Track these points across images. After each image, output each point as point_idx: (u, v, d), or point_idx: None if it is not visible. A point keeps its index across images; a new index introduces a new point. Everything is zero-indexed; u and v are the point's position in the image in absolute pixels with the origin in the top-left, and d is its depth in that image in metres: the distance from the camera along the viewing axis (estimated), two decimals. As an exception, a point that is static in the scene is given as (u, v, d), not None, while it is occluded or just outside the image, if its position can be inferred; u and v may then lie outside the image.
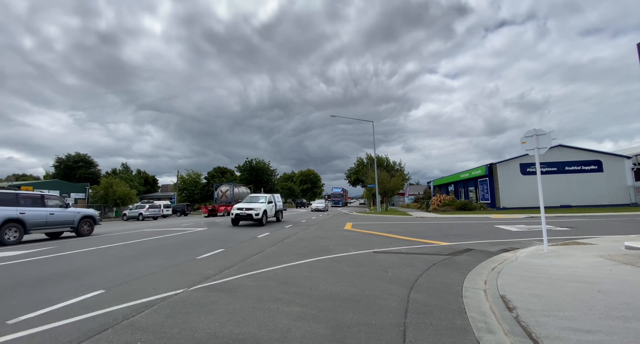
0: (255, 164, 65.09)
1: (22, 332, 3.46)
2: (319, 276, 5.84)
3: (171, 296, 4.70)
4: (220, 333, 3.37)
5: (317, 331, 3.39)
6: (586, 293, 4.65)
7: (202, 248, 9.39)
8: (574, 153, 29.96)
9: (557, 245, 8.90)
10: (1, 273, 6.65)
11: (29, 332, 3.47)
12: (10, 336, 3.38)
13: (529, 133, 7.61)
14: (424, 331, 3.41)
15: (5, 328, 3.61)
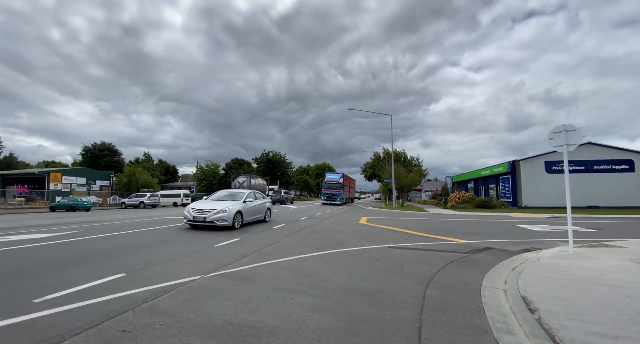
0: (272, 156, 65.71)
1: (47, 311, 3.63)
2: (333, 269, 5.82)
3: (189, 282, 4.81)
4: (235, 320, 3.42)
5: (330, 323, 3.38)
6: (614, 297, 4.41)
7: (220, 238, 9.56)
8: (603, 152, 28.46)
9: (583, 247, 8.51)
10: (30, 254, 7.00)
11: (53, 311, 3.62)
12: (36, 314, 3.54)
13: (557, 129, 7.24)
14: (441, 328, 3.33)
15: (31, 306, 3.79)
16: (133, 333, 3.09)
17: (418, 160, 61.08)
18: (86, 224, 14.30)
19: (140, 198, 36.29)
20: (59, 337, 2.97)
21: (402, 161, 55.47)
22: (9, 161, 55.08)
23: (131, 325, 3.27)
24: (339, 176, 44.72)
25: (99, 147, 57.58)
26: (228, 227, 11.45)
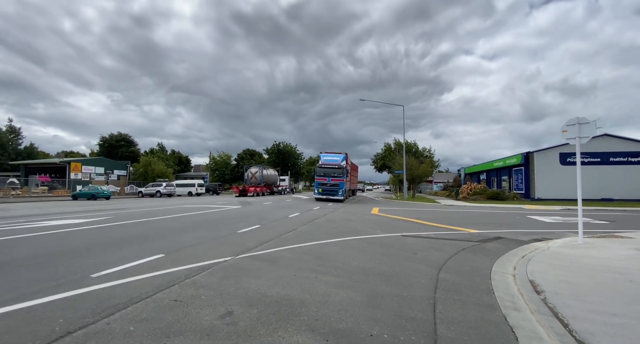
0: (283, 147, 66.29)
1: (105, 284, 4.16)
2: (350, 254, 6.25)
3: (221, 262, 5.31)
4: (269, 293, 3.88)
5: (353, 298, 3.81)
6: (617, 282, 4.71)
7: (240, 224, 10.11)
8: (620, 143, 27.89)
9: (592, 237, 8.71)
10: (74, 237, 7.66)
11: (111, 284, 4.15)
12: (96, 286, 4.07)
13: (570, 121, 7.39)
14: (453, 305, 3.71)
15: (90, 280, 4.33)
16: (184, 302, 3.58)
17: (429, 151, 60.76)
18: (113, 211, 15.10)
19: (156, 188, 37.42)
20: (122, 305, 3.48)
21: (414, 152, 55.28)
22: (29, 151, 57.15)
23: (180, 296, 3.76)
24: (341, 157, 27.95)
25: (116, 137, 59.09)
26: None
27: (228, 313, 3.32)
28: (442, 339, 2.84)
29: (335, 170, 26.56)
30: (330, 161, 27.50)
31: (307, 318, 3.22)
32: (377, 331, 2.95)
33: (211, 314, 3.26)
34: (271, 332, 2.91)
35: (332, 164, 27.16)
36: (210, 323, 3.08)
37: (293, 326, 3.05)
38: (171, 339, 2.73)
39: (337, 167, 26.67)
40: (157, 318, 3.16)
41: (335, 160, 27.51)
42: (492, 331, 3.06)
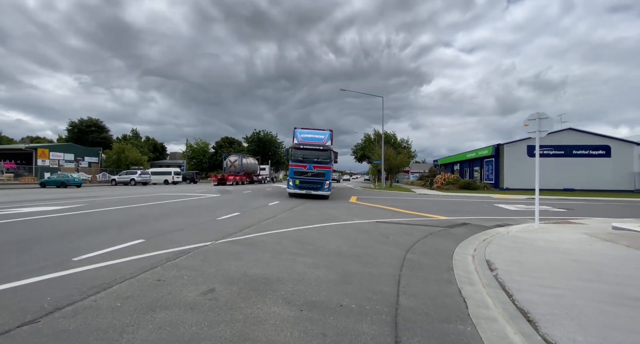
0: (263, 136, 65.60)
1: (88, 266, 4.28)
2: (327, 238, 6.61)
3: (202, 247, 5.51)
4: (249, 273, 4.15)
5: (327, 276, 4.15)
6: (562, 261, 5.33)
7: (220, 211, 10.24)
8: (583, 137, 29.81)
9: (548, 223, 9.54)
10: (50, 223, 7.56)
11: (94, 266, 4.28)
12: (79, 268, 4.19)
13: (532, 116, 7.99)
14: (416, 280, 4.14)
15: (73, 263, 4.43)
16: (167, 281, 3.79)
17: (407, 142, 62.09)
18: (87, 199, 14.72)
19: (131, 175, 36.33)
20: (107, 284, 3.64)
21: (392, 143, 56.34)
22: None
23: (163, 276, 3.96)
24: (325, 135, 18.67)
25: (86, 123, 56.35)
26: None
27: (210, 290, 3.57)
28: (402, 307, 3.24)
29: (318, 153, 17.37)
30: (312, 139, 17.88)
31: (284, 293, 3.52)
32: (346, 302, 3.31)
33: (194, 292, 3.50)
34: (251, 305, 3.20)
35: (315, 144, 17.60)
36: (194, 298, 3.32)
37: (271, 299, 3.35)
38: (157, 313, 2.96)
39: (321, 149, 17.40)
40: (142, 295, 3.36)
41: (318, 138, 17.95)
42: (446, 301, 3.49)
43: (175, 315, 2.92)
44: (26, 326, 2.65)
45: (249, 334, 2.62)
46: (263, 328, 2.74)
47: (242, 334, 2.63)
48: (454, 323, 2.94)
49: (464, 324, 2.91)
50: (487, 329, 2.83)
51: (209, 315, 2.94)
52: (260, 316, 2.95)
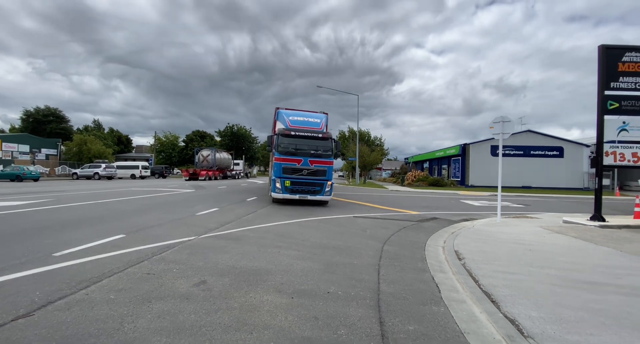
0: (237, 130, 64.37)
1: (71, 261, 4.23)
2: (308, 232, 6.86)
3: (186, 241, 5.56)
4: (238, 265, 4.31)
5: (312, 267, 4.41)
6: (520, 250, 5.95)
7: (197, 207, 10.17)
8: (540, 139, 32.18)
9: (509, 217, 10.42)
10: (19, 219, 7.20)
11: (78, 261, 4.24)
12: (63, 264, 4.14)
13: (496, 119, 8.68)
14: (393, 269, 4.50)
15: (54, 258, 4.35)
16: (157, 275, 3.87)
17: (380, 140, 63.62)
18: (52, 193, 13.92)
19: (94, 169, 34.40)
20: (96, 278, 3.66)
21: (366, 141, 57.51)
22: None
23: (152, 270, 4.03)
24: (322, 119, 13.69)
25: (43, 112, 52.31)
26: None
27: (202, 281, 3.70)
28: (383, 293, 3.57)
29: (316, 143, 12.26)
30: (306, 123, 13.10)
31: (274, 283, 3.74)
32: (333, 289, 3.58)
33: (186, 283, 3.62)
34: (243, 294, 3.38)
35: (311, 131, 12.59)
36: (187, 290, 3.45)
37: (262, 289, 3.55)
38: (153, 304, 3.07)
39: (320, 137, 12.34)
40: (135, 288, 3.43)
41: (313, 123, 13.21)
42: (422, 286, 3.87)
43: (172, 305, 3.05)
44: (22, 319, 2.67)
45: (246, 320, 2.82)
46: (259, 314, 2.95)
47: (240, 320, 2.82)
48: (429, 305, 3.31)
49: (437, 306, 3.29)
50: (458, 310, 3.22)
51: (204, 304, 3.10)
52: (254, 304, 3.15)
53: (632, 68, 9.06)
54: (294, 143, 11.89)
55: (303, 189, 11.75)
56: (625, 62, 9.07)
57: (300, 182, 11.75)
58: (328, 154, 12.04)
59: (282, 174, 11.64)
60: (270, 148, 12.20)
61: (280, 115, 12.96)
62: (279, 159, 11.64)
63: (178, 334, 2.52)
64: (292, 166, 11.73)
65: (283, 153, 11.68)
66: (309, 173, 11.84)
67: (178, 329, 2.60)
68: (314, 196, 11.77)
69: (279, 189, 11.59)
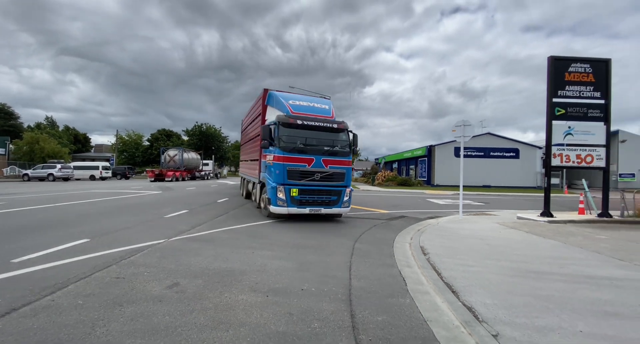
0: (206, 129, 62.58)
1: (32, 267, 4.03)
2: (283, 232, 6.96)
3: (155, 244, 5.44)
4: (211, 267, 4.32)
5: (286, 266, 4.52)
6: (478, 245, 6.43)
7: (166, 209, 9.87)
8: (498, 141, 34.42)
9: (470, 215, 11.12)
10: (-42, 225, 6.61)
11: (39, 267, 4.05)
12: (23, 270, 3.94)
13: (458, 123, 9.27)
14: (364, 265, 4.73)
15: (13, 265, 4.12)
16: (127, 279, 3.79)
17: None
18: (3, 196, 12.83)
19: (48, 170, 31.93)
20: (61, 284, 3.53)
21: (337, 141, 58.14)
22: None
23: (121, 274, 3.94)
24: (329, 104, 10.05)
25: (-13, 107, 47.79)
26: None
27: (175, 284, 3.69)
28: (355, 288, 3.76)
29: (331, 136, 9.10)
30: (313, 110, 9.53)
31: (249, 282, 3.81)
32: (307, 286, 3.72)
33: (159, 286, 3.60)
34: (218, 295, 3.43)
35: (322, 119, 9.19)
36: (160, 292, 3.43)
37: (237, 289, 3.61)
38: (125, 307, 3.03)
39: (336, 129, 9.15)
40: (104, 292, 3.36)
41: (322, 110, 9.75)
42: (390, 280, 4.12)
43: (145, 308, 3.03)
44: (-18, 329, 2.55)
45: (222, 319, 2.88)
46: (234, 312, 3.02)
47: (216, 319, 2.87)
48: (397, 297, 3.55)
49: (404, 298, 3.53)
50: (422, 300, 3.48)
51: (179, 306, 3.11)
52: (229, 303, 3.21)
53: (576, 78, 10.03)
54: (301, 136, 8.53)
55: (315, 200, 8.48)
56: (571, 72, 10.04)
57: (312, 190, 8.44)
58: (346, 151, 8.97)
59: (286, 179, 8.18)
60: (267, 143, 8.38)
61: (275, 99, 9.55)
62: (281, 158, 8.25)
63: (153, 336, 2.54)
64: (300, 167, 8.32)
65: (287, 150, 8.28)
66: (322, 177, 8.50)
67: (153, 331, 2.61)
68: (329, 208, 8.64)
69: (282, 201, 8.14)
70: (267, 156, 8.86)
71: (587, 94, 9.95)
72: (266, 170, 8.99)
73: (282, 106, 8.97)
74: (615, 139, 31.22)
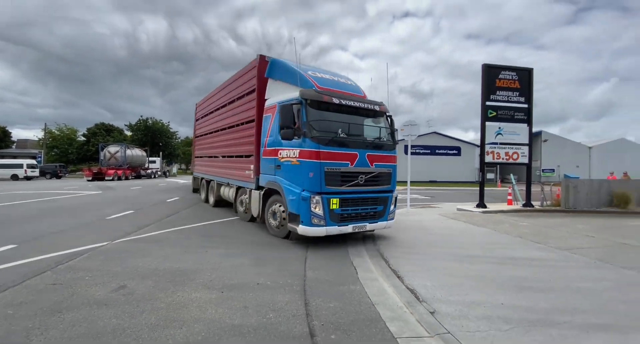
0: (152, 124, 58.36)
1: (-56, 279, 3.56)
2: (239, 230, 6.88)
3: (98, 247, 5.08)
4: (161, 267, 4.18)
5: (243, 262, 4.53)
6: (423, 234, 6.99)
7: (108, 210, 9.15)
8: (444, 139, 37.15)
9: (416, 207, 11.95)
10: None
11: (-46, 278, 3.58)
12: None
13: (406, 123, 9.90)
14: (319, 258, 4.91)
15: None
16: (65, 284, 3.53)
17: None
18: None
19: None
20: (-16, 294, 3.19)
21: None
22: None
23: (59, 280, 3.65)
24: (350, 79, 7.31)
25: None
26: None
27: (121, 286, 3.53)
28: (309, 279, 3.92)
29: (371, 121, 6.72)
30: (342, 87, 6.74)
31: (203, 281, 3.77)
32: (263, 281, 3.79)
33: (103, 290, 3.41)
34: (170, 294, 3.36)
35: (360, 100, 6.40)
36: (105, 296, 3.26)
37: (190, 287, 3.56)
38: (65, 314, 2.85)
39: (376, 111, 6.52)
40: (39, 299, 3.11)
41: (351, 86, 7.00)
42: (342, 269, 4.36)
43: (88, 313, 2.88)
44: None
45: (175, 317, 2.84)
46: (188, 310, 2.99)
47: (168, 318, 2.83)
48: (348, 284, 3.78)
49: (355, 285, 3.77)
50: (371, 286, 3.75)
51: (127, 308, 3.00)
52: (182, 302, 3.17)
53: (505, 84, 11.24)
54: (336, 122, 5.91)
55: (359, 213, 5.93)
56: (501, 79, 11.21)
57: (356, 198, 5.87)
58: (391, 144, 6.60)
59: (323, 185, 5.49)
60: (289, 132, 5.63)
61: (285, 69, 6.69)
62: (314, 154, 5.50)
63: (99, 339, 2.45)
64: (340, 168, 5.70)
65: (324, 142, 5.54)
66: (367, 180, 5.99)
67: (98, 334, 2.51)
68: (374, 222, 6.13)
69: (318, 217, 5.39)
70: (280, 151, 6.05)
71: (513, 98, 11.21)
72: (279, 171, 6.09)
73: (301, 79, 6.05)
74: (538, 139, 35.39)
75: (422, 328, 2.76)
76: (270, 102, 6.64)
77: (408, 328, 2.75)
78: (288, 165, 5.88)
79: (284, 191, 5.82)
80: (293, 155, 5.75)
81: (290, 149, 5.82)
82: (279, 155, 6.09)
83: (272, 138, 6.34)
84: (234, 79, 8.79)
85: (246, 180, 7.47)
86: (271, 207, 6.35)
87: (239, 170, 7.97)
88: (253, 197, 7.07)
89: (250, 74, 7.55)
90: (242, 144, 7.91)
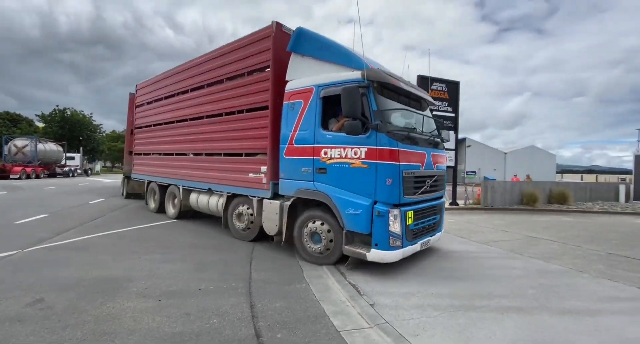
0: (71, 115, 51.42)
1: None
2: (178, 233, 6.48)
3: (5, 257, 4.40)
4: (87, 277, 3.78)
5: (182, 267, 4.31)
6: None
7: (16, 213, 7.89)
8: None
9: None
10: None
11: None
12: None
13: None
14: (265, 259, 4.89)
15: None
16: (-39, 302, 3.01)
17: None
18: None
19: None
20: None
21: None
22: None
23: (-49, 298, 3.09)
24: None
25: None
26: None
27: (37, 300, 3.12)
28: (254, 281, 3.90)
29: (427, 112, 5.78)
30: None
31: (137, 289, 3.50)
32: (205, 286, 3.66)
33: (15, 305, 2.99)
34: (99, 306, 3.07)
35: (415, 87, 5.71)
36: (18, 311, 2.86)
37: (122, 297, 3.29)
38: (-37, 336, 2.44)
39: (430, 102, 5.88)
40: None
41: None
42: (288, 269, 4.41)
43: (-5, 333, 2.50)
44: None
45: (105, 330, 2.62)
46: (120, 321, 2.77)
47: (97, 331, 2.60)
48: (294, 284, 3.85)
49: (300, 284, 3.86)
50: (316, 284, 3.87)
51: (45, 323, 2.68)
52: (113, 313, 2.92)
53: (437, 94, 12.37)
54: (408, 116, 5.16)
55: (425, 226, 4.95)
56: (433, 89, 12.30)
57: (424, 209, 4.87)
58: (443, 141, 5.81)
59: (402, 194, 4.29)
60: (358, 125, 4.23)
61: (321, 43, 5.13)
62: (393, 153, 4.20)
63: (12, 362, 2.15)
64: (414, 171, 4.56)
65: (400, 138, 4.35)
66: (432, 185, 4.98)
67: (10, 357, 2.20)
68: (434, 234, 5.28)
69: (395, 237, 4.16)
70: (324, 149, 4.68)
71: (443, 108, 12.40)
72: (323, 176, 4.68)
73: (351, 58, 4.80)
74: (463, 144, 39.51)
75: (363, 319, 2.95)
76: (298, 85, 5.06)
77: (350, 321, 2.92)
78: (342, 168, 4.44)
79: (335, 204, 4.42)
80: (354, 155, 4.35)
81: (345, 146, 4.42)
82: (321, 155, 4.65)
83: (304, 132, 4.86)
84: (225, 51, 6.54)
85: (251, 186, 5.73)
86: (307, 226, 4.84)
87: (235, 172, 6.12)
88: (269, 209, 5.36)
89: (261, 45, 5.71)
90: (241, 138, 6.07)
